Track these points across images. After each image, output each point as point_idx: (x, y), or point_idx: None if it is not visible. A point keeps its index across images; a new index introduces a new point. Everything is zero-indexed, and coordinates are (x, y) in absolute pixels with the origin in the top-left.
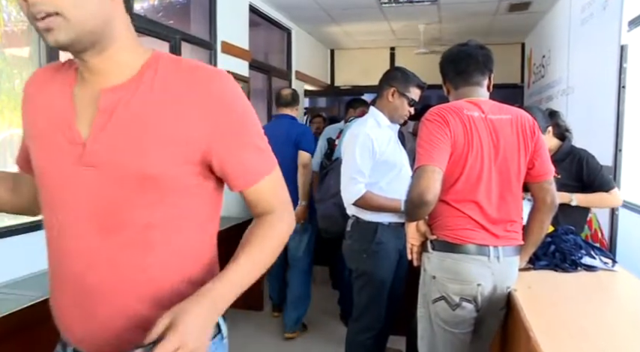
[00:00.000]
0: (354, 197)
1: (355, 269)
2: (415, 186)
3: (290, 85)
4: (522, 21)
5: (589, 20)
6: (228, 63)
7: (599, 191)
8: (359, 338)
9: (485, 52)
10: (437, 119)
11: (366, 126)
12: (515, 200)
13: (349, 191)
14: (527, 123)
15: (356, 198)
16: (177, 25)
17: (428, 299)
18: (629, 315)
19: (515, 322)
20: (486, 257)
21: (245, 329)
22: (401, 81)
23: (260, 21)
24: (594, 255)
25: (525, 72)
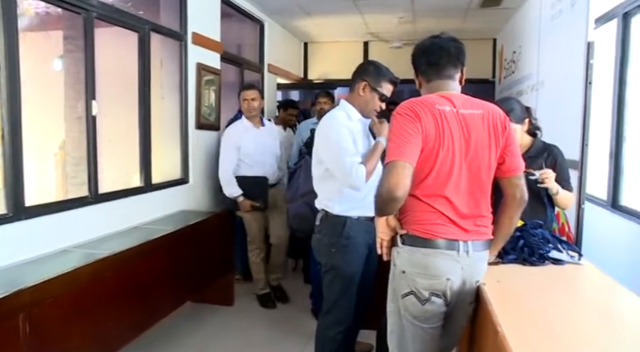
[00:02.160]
0: (363, 177)
1: (324, 263)
2: (385, 182)
3: (262, 78)
4: (494, 17)
5: (558, 17)
6: (199, 55)
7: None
8: (329, 333)
9: (458, 45)
10: (408, 113)
11: (337, 118)
12: (485, 195)
13: (356, 177)
14: (498, 119)
15: (364, 177)
16: (147, 15)
17: (397, 294)
18: (594, 307)
19: (483, 316)
20: (456, 251)
21: (215, 324)
22: (373, 75)
23: (232, 12)
24: (561, 248)
25: (497, 67)
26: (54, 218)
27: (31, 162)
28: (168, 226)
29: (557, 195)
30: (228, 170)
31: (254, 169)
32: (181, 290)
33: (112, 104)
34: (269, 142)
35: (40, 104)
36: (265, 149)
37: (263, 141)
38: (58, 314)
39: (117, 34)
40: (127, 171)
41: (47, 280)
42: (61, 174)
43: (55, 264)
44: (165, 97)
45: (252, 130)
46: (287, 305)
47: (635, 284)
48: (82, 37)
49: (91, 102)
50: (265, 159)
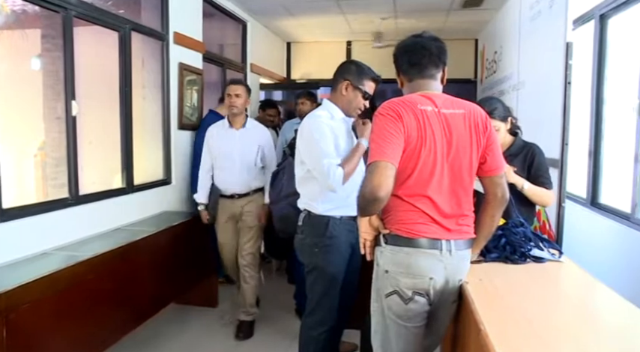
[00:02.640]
0: (340, 179)
1: (307, 263)
2: (368, 182)
3: (245, 78)
4: (475, 17)
5: (537, 18)
6: (181, 54)
7: (542, 187)
8: (312, 333)
9: (440, 44)
10: (390, 113)
11: (320, 117)
12: (467, 194)
13: (332, 179)
14: (479, 118)
15: (342, 179)
16: (127, 15)
17: (381, 294)
18: (574, 304)
19: (466, 314)
20: (438, 250)
21: (200, 325)
22: (355, 74)
23: (214, 12)
24: (542, 246)
25: (478, 67)
26: (33, 220)
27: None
28: (151, 227)
29: (527, 190)
30: (202, 173)
31: (220, 177)
32: (165, 292)
33: (93, 104)
34: (244, 148)
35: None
36: (236, 155)
37: (235, 145)
38: (37, 318)
39: (97, 33)
40: (109, 172)
41: (25, 284)
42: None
43: (35, 267)
44: (147, 97)
45: (228, 132)
46: (271, 305)
47: (614, 281)
48: (61, 36)
49: (70, 102)
50: (234, 166)
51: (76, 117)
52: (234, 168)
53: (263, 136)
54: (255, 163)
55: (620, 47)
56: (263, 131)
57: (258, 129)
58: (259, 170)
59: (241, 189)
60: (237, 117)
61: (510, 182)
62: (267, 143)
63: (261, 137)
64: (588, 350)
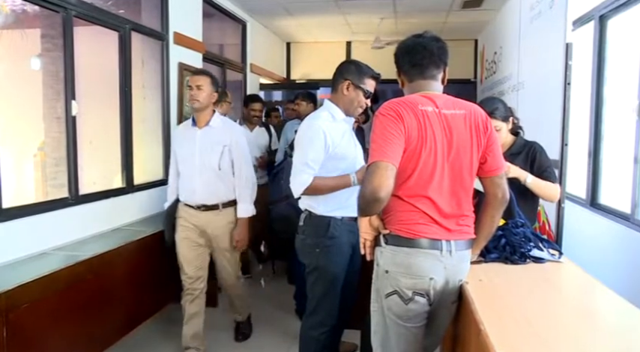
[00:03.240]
0: (302, 187)
1: (308, 264)
2: (368, 183)
3: (245, 78)
4: (475, 18)
5: (537, 19)
6: (181, 54)
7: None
8: (313, 333)
9: (441, 45)
10: (391, 114)
11: (319, 119)
12: (467, 195)
13: (296, 181)
14: (480, 119)
15: (304, 188)
16: (127, 15)
17: (381, 294)
18: (574, 305)
19: (466, 314)
20: (439, 251)
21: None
22: (355, 73)
23: (214, 12)
24: (542, 247)
25: (478, 68)
26: (33, 220)
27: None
28: (150, 227)
29: (530, 183)
30: (171, 179)
31: (181, 184)
32: (164, 292)
33: (93, 104)
34: (204, 149)
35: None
36: (196, 157)
37: (194, 146)
38: (37, 318)
39: (97, 33)
40: (108, 171)
41: (25, 284)
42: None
43: (34, 267)
44: (147, 97)
45: (190, 131)
46: (271, 305)
47: (613, 281)
48: (61, 36)
49: (70, 102)
50: (193, 171)
51: (75, 117)
52: (193, 173)
53: (231, 135)
54: (218, 167)
55: (619, 48)
56: (232, 130)
57: (226, 128)
58: (230, 177)
59: (204, 199)
60: (200, 114)
61: (513, 176)
62: (237, 143)
63: (227, 136)
64: (588, 350)
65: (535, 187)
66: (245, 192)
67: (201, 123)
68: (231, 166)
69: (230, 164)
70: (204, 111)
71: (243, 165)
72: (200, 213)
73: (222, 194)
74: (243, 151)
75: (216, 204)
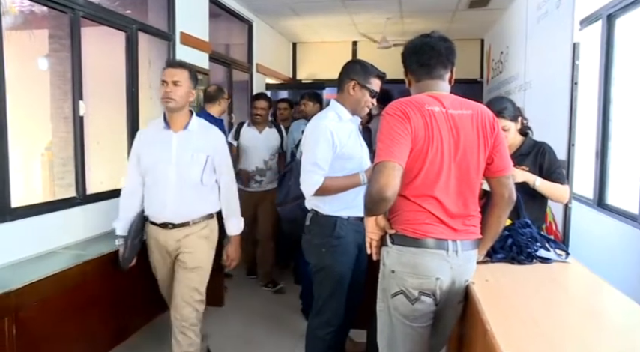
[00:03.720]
0: (313, 188)
1: (314, 263)
2: (374, 182)
3: (251, 77)
4: (482, 17)
5: (544, 18)
6: (187, 54)
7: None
8: (319, 333)
9: (449, 45)
10: (398, 113)
11: (326, 119)
12: (474, 195)
13: (307, 183)
14: (487, 119)
15: (315, 188)
16: (134, 15)
17: (387, 294)
18: (581, 305)
19: (472, 314)
20: (445, 251)
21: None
22: (361, 73)
23: (220, 12)
24: (549, 247)
25: (484, 67)
26: (41, 219)
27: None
28: None
29: (539, 186)
30: (125, 193)
31: (149, 198)
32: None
33: (100, 104)
34: (183, 158)
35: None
36: (171, 167)
37: (170, 153)
38: (46, 316)
39: (104, 33)
40: (116, 171)
41: (34, 282)
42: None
43: (43, 265)
44: (154, 98)
45: (162, 135)
46: (278, 305)
47: (620, 282)
48: (69, 37)
49: (78, 102)
50: (167, 184)
51: (83, 117)
52: (167, 187)
53: (215, 142)
54: (201, 180)
55: (627, 47)
56: (216, 135)
57: (210, 133)
58: (210, 189)
59: (174, 217)
60: (175, 115)
61: (521, 181)
62: (220, 150)
63: (209, 143)
64: (594, 350)
65: (544, 190)
66: (234, 205)
67: (177, 126)
68: (213, 178)
69: (213, 176)
70: (180, 112)
71: (230, 175)
72: (168, 232)
73: (198, 210)
74: (228, 158)
75: (187, 221)
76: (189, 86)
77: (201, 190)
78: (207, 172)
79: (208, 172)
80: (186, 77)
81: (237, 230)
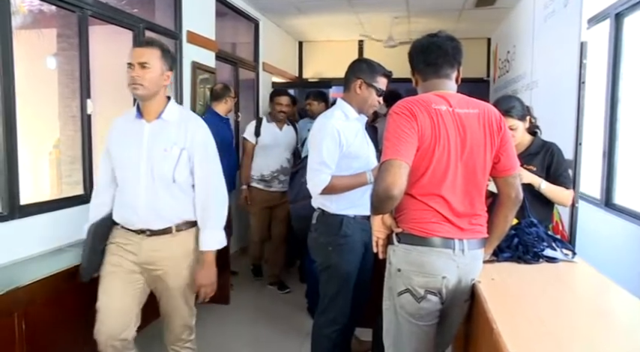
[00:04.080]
0: (320, 187)
1: (321, 262)
2: (381, 181)
3: (257, 76)
4: (488, 16)
5: (551, 17)
6: (194, 53)
7: (561, 186)
8: (325, 331)
9: (455, 44)
10: (404, 112)
11: (333, 118)
12: (480, 194)
13: (314, 182)
14: (494, 118)
15: (322, 187)
16: (142, 14)
17: (393, 292)
18: (587, 305)
19: (479, 313)
20: (451, 250)
21: (211, 323)
22: (367, 72)
23: (227, 11)
24: (555, 247)
25: (491, 66)
26: (49, 217)
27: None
28: None
29: (544, 189)
30: (96, 191)
31: (119, 198)
32: None
33: (107, 103)
34: (154, 151)
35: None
36: (142, 162)
37: (141, 146)
38: (54, 312)
39: (112, 32)
40: None
41: (42, 279)
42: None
43: (51, 262)
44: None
45: (134, 125)
46: (284, 303)
47: (627, 282)
48: (77, 36)
49: (85, 100)
50: (137, 182)
51: (90, 116)
52: (137, 184)
53: (194, 134)
54: (172, 178)
55: (635, 46)
56: (196, 127)
57: (189, 123)
58: (188, 191)
59: (149, 222)
60: (147, 103)
61: (527, 182)
62: (201, 144)
63: (189, 135)
64: (601, 350)
65: (549, 193)
66: (212, 214)
67: (150, 114)
68: (191, 176)
69: (190, 173)
70: (153, 100)
71: (209, 174)
72: (142, 241)
73: (176, 214)
74: (210, 155)
75: (169, 227)
76: (162, 68)
77: (176, 191)
78: (181, 169)
79: (183, 169)
80: (156, 57)
81: (213, 244)
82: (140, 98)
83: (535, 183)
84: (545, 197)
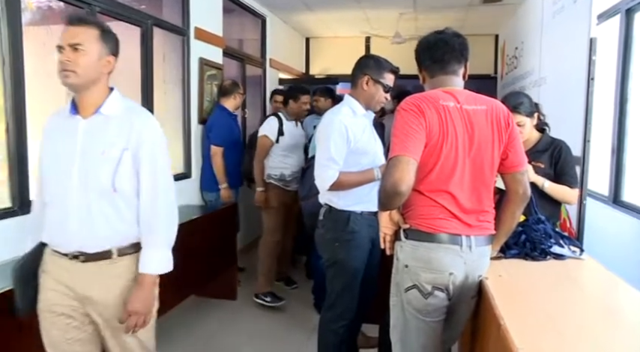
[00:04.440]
0: (328, 182)
1: (328, 258)
2: (389, 177)
3: (264, 73)
4: (496, 13)
5: (560, 13)
6: (202, 49)
7: (565, 185)
8: (332, 327)
9: (462, 41)
10: (412, 109)
11: (340, 114)
12: (488, 190)
13: (322, 178)
14: (501, 115)
15: (330, 183)
16: (149, 10)
17: (400, 288)
18: (595, 302)
19: (486, 310)
20: (459, 246)
21: (218, 318)
22: (374, 68)
23: (234, 7)
24: (563, 244)
25: (499, 63)
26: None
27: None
28: None
29: (547, 188)
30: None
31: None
32: (185, 285)
33: None
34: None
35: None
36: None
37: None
38: None
39: (120, 28)
40: None
41: None
42: None
43: None
44: (168, 92)
45: (66, 122)
46: (290, 299)
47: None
48: None
49: None
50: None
51: None
52: (68, 196)
53: (141, 132)
54: (112, 186)
55: None
56: (144, 123)
57: (136, 119)
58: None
59: (83, 243)
60: (82, 95)
61: (531, 181)
62: (148, 144)
63: (134, 133)
64: (609, 347)
65: (552, 192)
66: (157, 229)
67: (86, 109)
68: (135, 184)
69: (135, 180)
70: (89, 90)
71: (157, 182)
72: (76, 268)
73: (118, 233)
74: (159, 159)
75: (108, 250)
76: (100, 52)
77: (119, 203)
78: (124, 175)
79: (126, 175)
80: (93, 38)
81: (155, 267)
82: (72, 88)
83: (539, 183)
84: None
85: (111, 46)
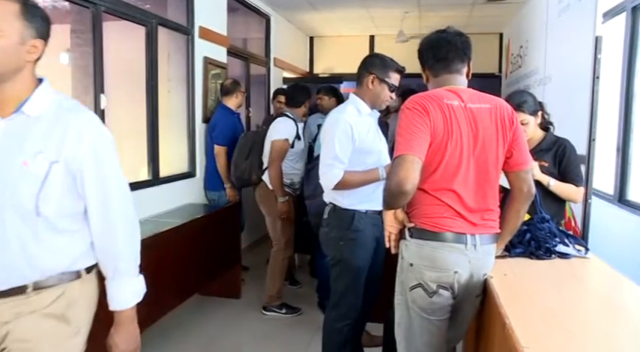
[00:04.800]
0: (333, 182)
1: (332, 256)
2: (394, 175)
3: (268, 72)
4: (500, 11)
5: (565, 11)
6: (206, 48)
7: (570, 183)
8: (336, 326)
9: (464, 39)
10: (417, 108)
11: (345, 113)
12: (493, 189)
13: (327, 177)
14: (506, 113)
15: (335, 182)
16: (154, 9)
17: (405, 287)
18: (600, 300)
19: (490, 308)
20: (463, 245)
21: (222, 316)
22: (380, 67)
23: (238, 6)
24: (568, 242)
25: (503, 62)
26: None
27: None
28: (176, 219)
29: (553, 187)
30: None
31: None
32: (189, 283)
33: (120, 98)
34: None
35: None
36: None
37: None
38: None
39: (124, 27)
40: (135, 164)
41: None
42: None
43: None
44: (173, 91)
45: None
46: (294, 298)
47: None
48: (90, 31)
49: (99, 95)
50: None
51: (104, 110)
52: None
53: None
54: (36, 208)
55: None
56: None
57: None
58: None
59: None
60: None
61: (535, 179)
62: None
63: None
64: (614, 345)
65: (558, 190)
66: (120, 254)
67: (4, 107)
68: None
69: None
70: (7, 83)
71: (108, 198)
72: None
73: (40, 266)
74: (106, 168)
75: (23, 285)
76: (22, 33)
77: (41, 230)
78: (51, 195)
79: (54, 195)
80: (11, 16)
81: (130, 298)
82: None
83: (544, 181)
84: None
85: (37, 27)
